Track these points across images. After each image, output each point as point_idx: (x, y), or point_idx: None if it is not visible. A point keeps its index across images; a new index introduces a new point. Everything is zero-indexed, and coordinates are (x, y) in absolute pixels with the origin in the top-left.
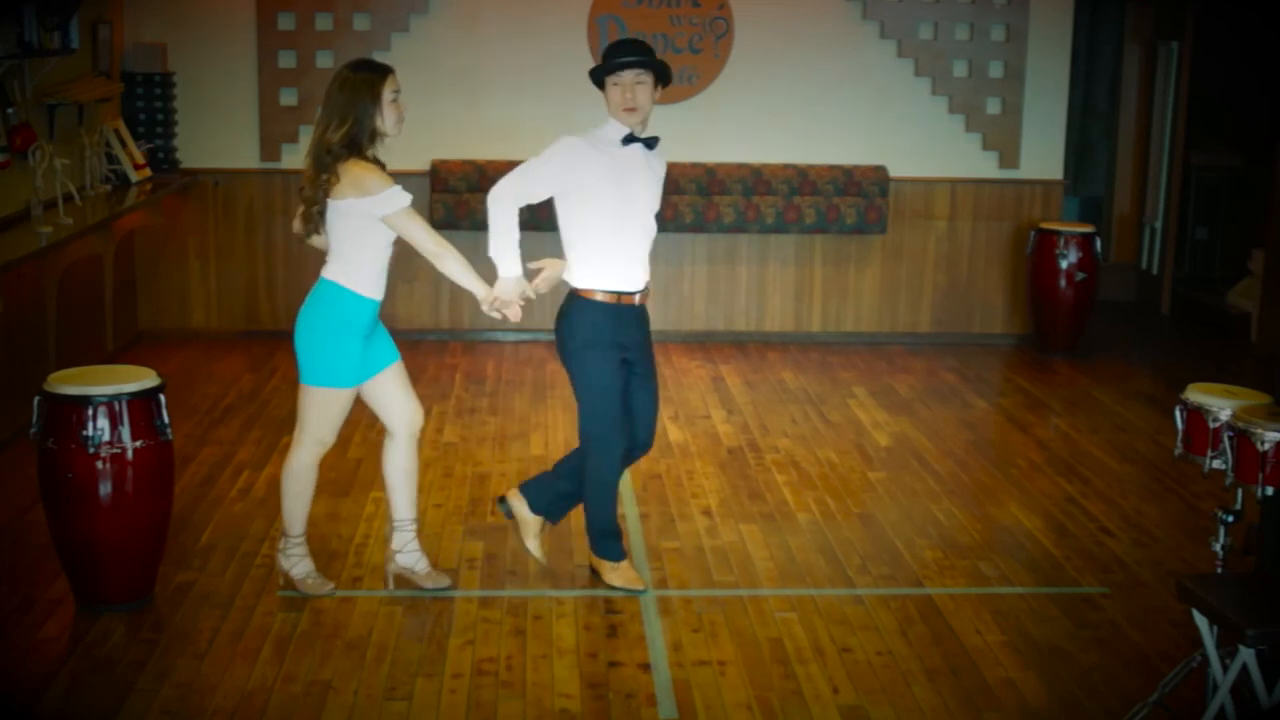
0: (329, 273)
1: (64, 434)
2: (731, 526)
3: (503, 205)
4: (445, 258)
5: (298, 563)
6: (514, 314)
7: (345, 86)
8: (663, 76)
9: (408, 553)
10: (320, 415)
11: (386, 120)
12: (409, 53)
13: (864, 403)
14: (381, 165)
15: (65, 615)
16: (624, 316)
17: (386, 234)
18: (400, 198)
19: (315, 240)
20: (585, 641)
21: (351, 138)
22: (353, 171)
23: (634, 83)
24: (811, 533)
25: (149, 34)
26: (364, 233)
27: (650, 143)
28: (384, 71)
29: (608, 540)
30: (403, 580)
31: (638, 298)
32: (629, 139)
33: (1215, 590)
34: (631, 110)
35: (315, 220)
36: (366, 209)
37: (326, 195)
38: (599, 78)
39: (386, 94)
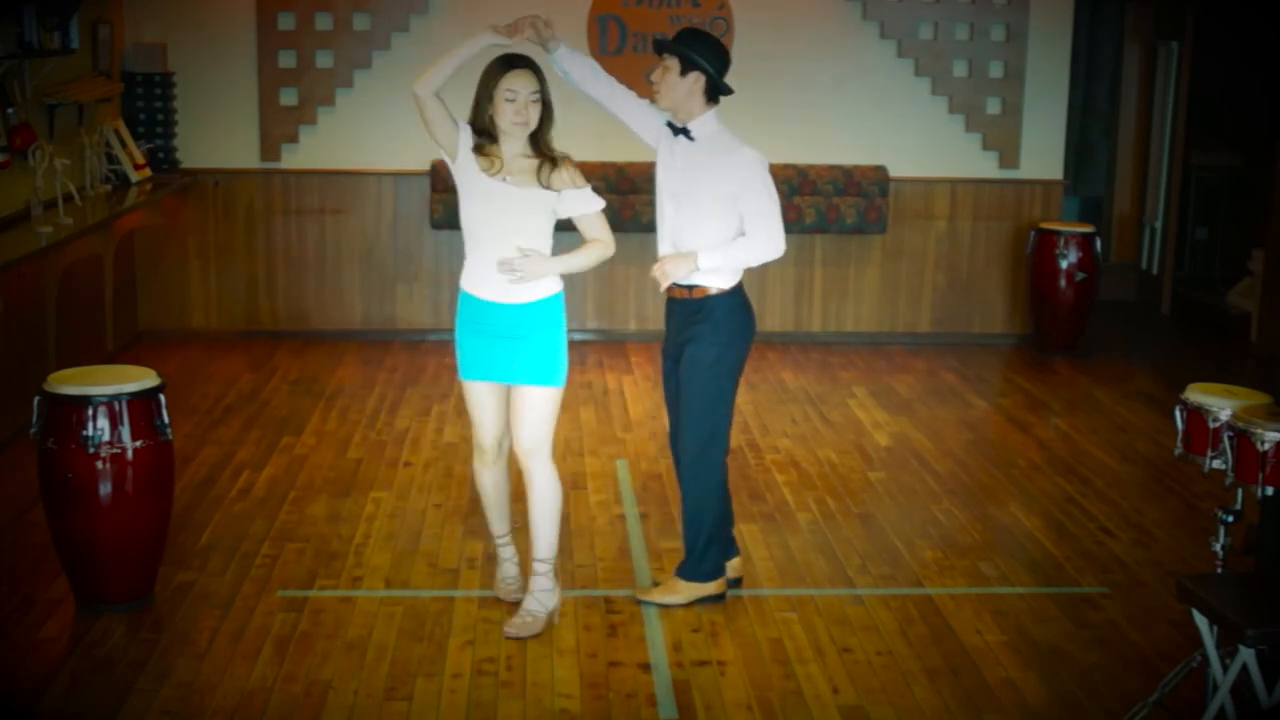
0: (550, 283)
1: (64, 434)
2: None
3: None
4: (430, 79)
5: (500, 564)
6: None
7: (482, 73)
8: (687, 61)
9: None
10: (554, 418)
11: (501, 116)
12: (409, 53)
13: (864, 403)
14: (546, 160)
15: (65, 615)
16: (667, 310)
17: (471, 217)
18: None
19: None
20: (585, 641)
21: (472, 121)
22: None
23: (661, 66)
24: (811, 533)
25: (149, 34)
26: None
27: (681, 130)
28: (504, 69)
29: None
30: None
31: (672, 291)
32: (670, 126)
33: (1215, 590)
34: (655, 95)
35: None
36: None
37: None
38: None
39: (501, 91)
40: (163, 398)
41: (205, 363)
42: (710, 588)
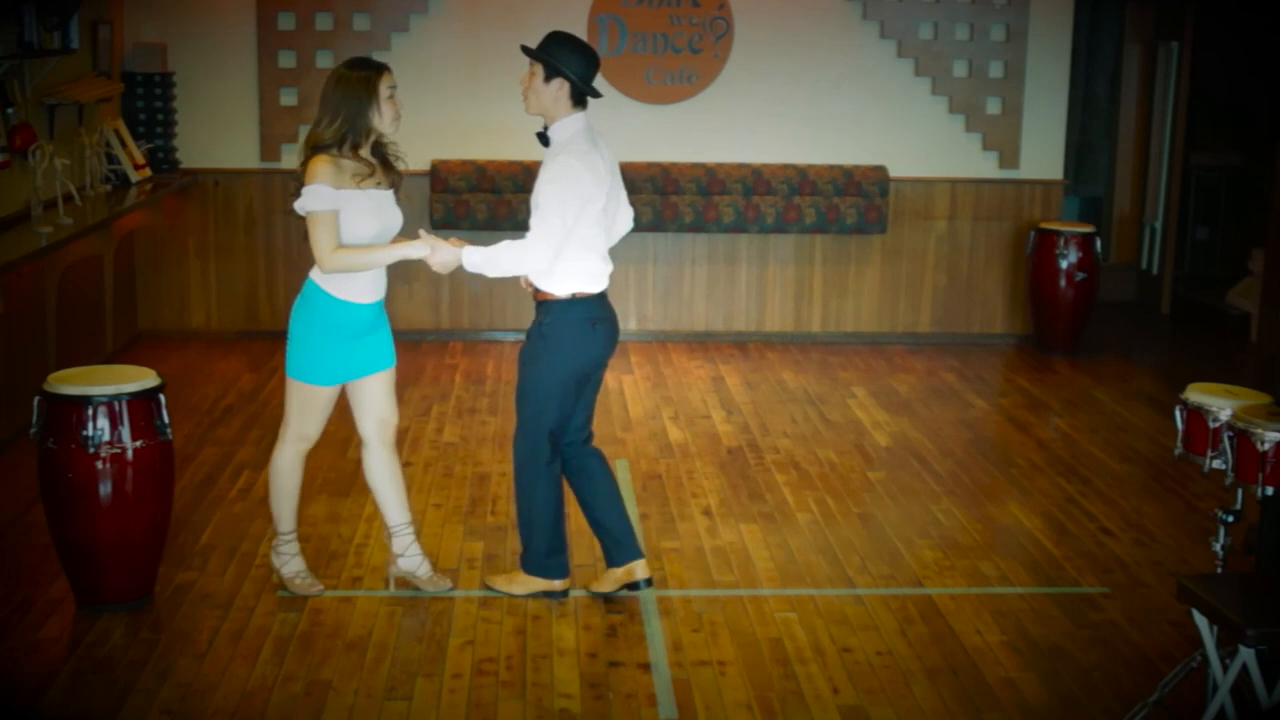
0: (313, 273)
1: (64, 434)
2: (731, 526)
3: None
4: (348, 268)
5: (288, 561)
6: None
7: (340, 83)
8: (550, 68)
9: (409, 557)
10: (301, 410)
11: (384, 118)
12: (409, 53)
13: (864, 403)
14: (387, 164)
15: (65, 615)
16: None
17: (364, 232)
18: (314, 199)
19: None
20: (585, 641)
21: (343, 135)
22: (307, 165)
23: (528, 72)
24: (811, 533)
25: (149, 34)
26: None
27: (540, 137)
28: (379, 68)
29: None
30: (404, 583)
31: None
32: (539, 136)
33: (1215, 590)
34: (524, 101)
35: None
36: (299, 201)
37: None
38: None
39: (383, 90)
40: (163, 398)
41: (205, 363)
42: (553, 584)
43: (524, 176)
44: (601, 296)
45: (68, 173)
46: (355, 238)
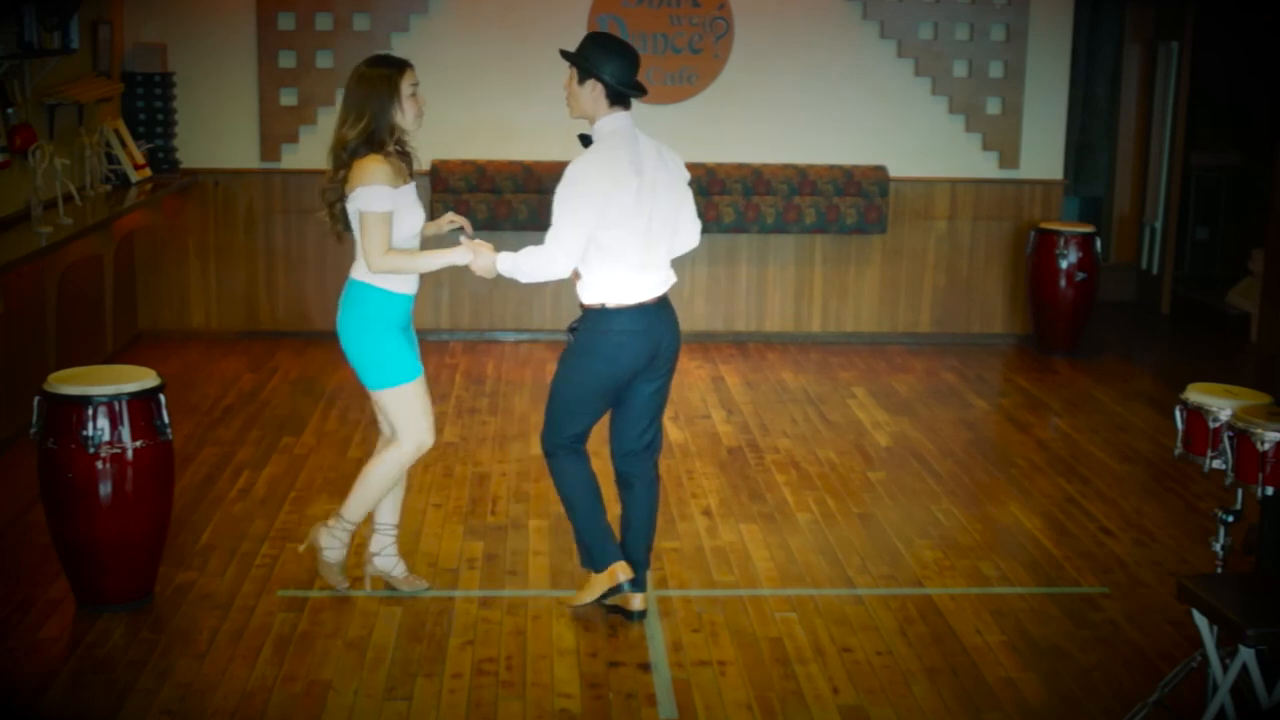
0: (356, 272)
1: (64, 434)
2: (731, 526)
3: None
4: (400, 271)
5: (338, 548)
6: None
7: (362, 82)
8: (582, 70)
9: (386, 556)
10: (409, 414)
11: (406, 115)
12: (409, 53)
13: (864, 403)
14: (406, 159)
15: (65, 615)
16: None
17: (408, 227)
18: (374, 199)
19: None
20: (585, 641)
21: (369, 134)
22: (360, 165)
23: (567, 76)
24: (811, 533)
25: (149, 34)
26: None
27: (582, 139)
28: (401, 65)
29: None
30: (379, 582)
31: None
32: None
33: (1215, 590)
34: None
35: (339, 219)
36: (353, 200)
37: (344, 193)
38: None
39: (405, 88)
40: (163, 398)
41: (205, 363)
42: (616, 577)
43: (524, 176)
44: (641, 308)
45: (68, 173)
46: (409, 230)
